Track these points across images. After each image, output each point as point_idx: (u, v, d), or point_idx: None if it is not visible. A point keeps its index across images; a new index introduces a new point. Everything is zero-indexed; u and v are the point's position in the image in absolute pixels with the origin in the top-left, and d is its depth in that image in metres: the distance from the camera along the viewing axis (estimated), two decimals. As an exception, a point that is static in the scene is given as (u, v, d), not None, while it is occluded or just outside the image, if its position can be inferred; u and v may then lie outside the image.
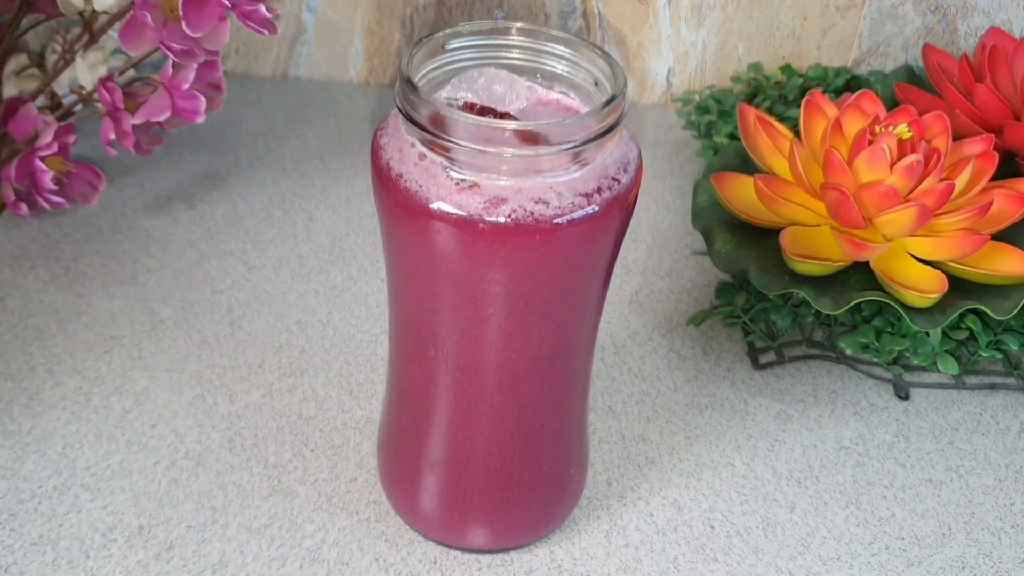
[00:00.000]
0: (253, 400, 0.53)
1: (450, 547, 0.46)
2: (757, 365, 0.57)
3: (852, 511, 0.50)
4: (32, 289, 0.58)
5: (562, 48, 0.40)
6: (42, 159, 0.54)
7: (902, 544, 0.49)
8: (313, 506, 0.48)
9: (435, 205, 0.37)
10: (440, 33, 0.40)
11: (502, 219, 0.36)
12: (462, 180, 0.37)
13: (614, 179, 0.38)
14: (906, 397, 0.56)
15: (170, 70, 0.54)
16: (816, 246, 0.54)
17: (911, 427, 0.54)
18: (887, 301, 0.52)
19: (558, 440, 0.44)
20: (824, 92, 0.70)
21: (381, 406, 0.52)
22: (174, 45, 0.52)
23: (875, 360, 0.55)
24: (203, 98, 0.55)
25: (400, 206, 0.37)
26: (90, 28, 0.55)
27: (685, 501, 0.50)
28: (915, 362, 0.54)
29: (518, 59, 0.41)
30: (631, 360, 0.57)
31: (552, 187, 0.37)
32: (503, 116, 0.39)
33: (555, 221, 0.36)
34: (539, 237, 0.36)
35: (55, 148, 0.54)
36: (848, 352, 0.55)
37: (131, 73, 0.57)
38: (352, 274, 0.60)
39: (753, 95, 0.71)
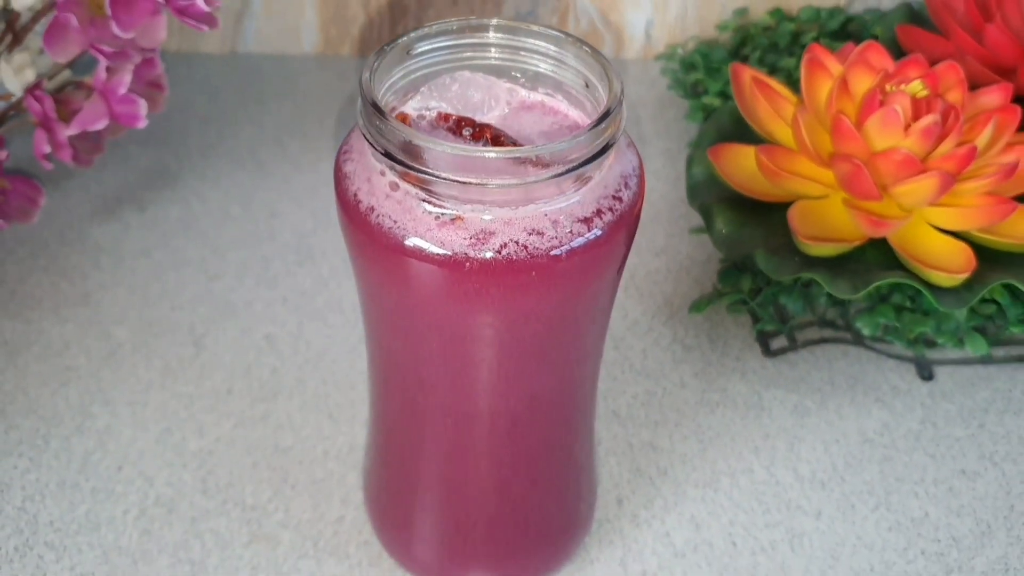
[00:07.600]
0: (224, 432, 0.48)
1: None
2: (768, 352, 0.52)
3: (882, 513, 0.46)
4: (-27, 319, 0.52)
5: (546, 45, 0.35)
6: (-31, 180, 0.49)
7: (939, 548, 0.45)
8: (299, 553, 0.44)
9: (412, 243, 0.32)
10: (404, 37, 0.34)
11: (491, 255, 0.31)
12: (442, 214, 0.32)
13: (615, 197, 0.33)
14: (930, 377, 0.52)
15: (103, 74, 0.49)
16: (828, 223, 0.50)
17: (938, 411, 0.50)
18: (910, 283, 0.48)
19: (565, 477, 0.40)
20: (818, 37, 0.65)
21: (364, 431, 0.47)
22: (105, 48, 0.46)
23: (896, 342, 0.51)
24: (142, 101, 0.49)
25: (373, 245, 0.32)
26: (12, 27, 0.49)
27: (703, 516, 0.46)
28: (940, 342, 0.50)
29: (497, 59, 0.36)
30: (632, 355, 0.52)
31: (547, 215, 0.32)
32: (482, 128, 0.34)
33: (553, 253, 0.32)
34: (535, 273, 0.32)
35: (-17, 166, 0.49)
36: (866, 333, 0.51)
37: (65, 75, 0.51)
38: (322, 275, 0.56)
39: (740, 44, 0.66)
